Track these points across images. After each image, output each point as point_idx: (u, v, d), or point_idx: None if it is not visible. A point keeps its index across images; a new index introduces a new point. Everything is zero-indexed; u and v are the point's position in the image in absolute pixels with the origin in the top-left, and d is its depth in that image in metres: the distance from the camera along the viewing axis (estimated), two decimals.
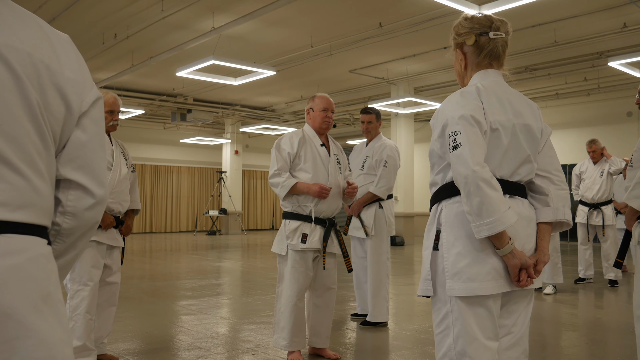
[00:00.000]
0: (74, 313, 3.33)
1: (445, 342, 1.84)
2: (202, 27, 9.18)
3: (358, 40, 9.70)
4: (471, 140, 1.77)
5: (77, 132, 1.12)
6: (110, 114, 3.50)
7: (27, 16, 1.08)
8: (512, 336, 1.91)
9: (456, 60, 2.05)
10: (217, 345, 4.16)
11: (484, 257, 1.80)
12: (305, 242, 3.59)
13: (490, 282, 1.80)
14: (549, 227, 1.94)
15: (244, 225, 20.79)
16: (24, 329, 0.95)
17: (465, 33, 1.97)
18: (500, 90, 1.94)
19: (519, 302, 1.93)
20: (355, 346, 4.27)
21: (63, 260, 1.18)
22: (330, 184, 3.66)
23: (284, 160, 3.65)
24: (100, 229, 3.44)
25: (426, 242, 1.94)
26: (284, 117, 17.61)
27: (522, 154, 1.90)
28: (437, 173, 1.94)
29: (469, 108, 1.82)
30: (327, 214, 3.68)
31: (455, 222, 1.85)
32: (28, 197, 1.01)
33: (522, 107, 1.94)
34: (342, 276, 8.04)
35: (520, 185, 1.93)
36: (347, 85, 13.78)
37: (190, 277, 7.99)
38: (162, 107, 16.07)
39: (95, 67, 12.00)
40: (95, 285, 3.41)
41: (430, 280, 1.89)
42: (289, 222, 3.66)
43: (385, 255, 4.81)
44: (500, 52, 1.97)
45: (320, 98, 3.79)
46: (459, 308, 1.81)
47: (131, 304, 5.82)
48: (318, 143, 3.72)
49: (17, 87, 1.00)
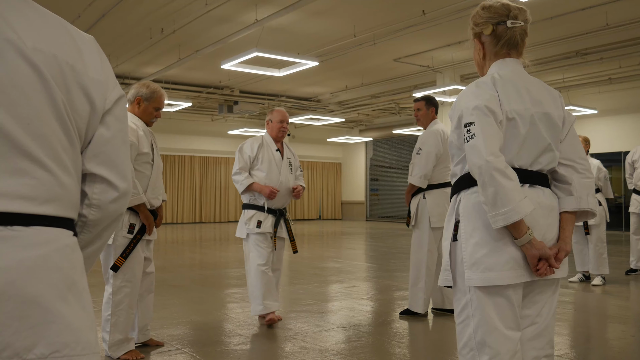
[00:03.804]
0: (117, 308, 3.46)
1: (465, 332, 1.85)
2: (245, 20, 9.29)
3: (401, 28, 9.60)
4: (485, 131, 1.76)
5: (101, 129, 1.19)
6: (156, 110, 3.62)
7: (53, 19, 1.14)
8: (537, 326, 1.90)
9: (475, 50, 2.04)
10: (257, 333, 4.25)
11: (502, 247, 1.80)
12: (260, 227, 4.40)
13: (509, 272, 1.79)
14: (572, 217, 1.91)
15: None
16: (50, 315, 1.02)
17: (482, 23, 1.96)
18: (518, 78, 1.92)
19: (542, 292, 1.91)
20: (387, 337, 4.29)
21: (90, 249, 1.25)
22: (281, 182, 4.50)
23: (244, 162, 4.50)
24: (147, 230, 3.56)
25: (446, 233, 1.95)
26: (329, 107, 17.63)
27: (542, 142, 1.88)
28: (456, 164, 1.95)
29: (483, 98, 1.81)
30: (278, 206, 4.52)
31: (473, 213, 1.85)
32: (54, 191, 1.08)
33: (541, 96, 1.92)
34: (387, 267, 8.07)
35: (541, 175, 1.90)
36: (391, 74, 13.68)
37: (237, 266, 8.15)
38: (210, 100, 16.35)
39: (144, 62, 12.31)
40: (138, 280, 3.55)
41: (450, 270, 1.89)
42: (247, 211, 4.49)
43: (425, 247, 4.68)
44: (519, 41, 1.95)
45: (278, 112, 4.63)
46: (478, 298, 1.81)
47: (179, 292, 6.00)
48: (274, 148, 4.58)
49: (44, 88, 1.06)
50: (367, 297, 5.83)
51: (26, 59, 1.04)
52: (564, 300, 5.57)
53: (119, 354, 3.48)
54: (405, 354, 3.85)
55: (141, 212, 3.50)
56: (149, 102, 3.58)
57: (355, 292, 6.04)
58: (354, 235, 14.61)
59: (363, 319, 4.75)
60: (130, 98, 3.57)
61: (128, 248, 3.47)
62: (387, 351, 3.82)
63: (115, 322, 3.45)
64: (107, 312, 3.47)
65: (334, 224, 20.14)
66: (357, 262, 9.09)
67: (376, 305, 5.42)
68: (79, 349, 1.05)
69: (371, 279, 7.16)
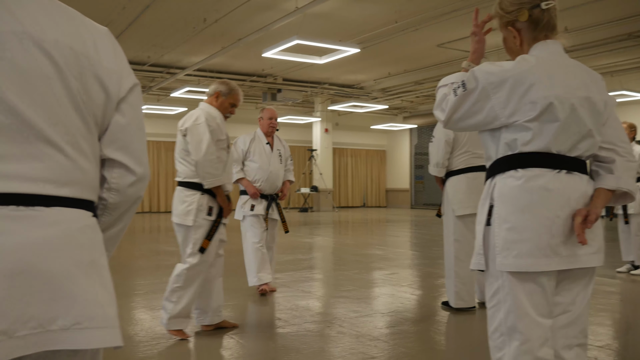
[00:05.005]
0: (188, 283, 3.64)
1: (496, 317, 1.83)
2: (286, 7, 9.31)
3: (444, 13, 9.44)
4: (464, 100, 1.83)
5: (117, 116, 1.24)
6: (232, 106, 3.92)
7: (69, 12, 1.20)
8: (570, 314, 1.86)
9: (508, 38, 1.96)
10: (295, 317, 4.31)
11: (536, 233, 1.76)
12: (253, 210, 5.08)
13: (543, 259, 1.76)
14: (607, 194, 1.85)
15: (335, 202, 21.03)
16: (72, 289, 1.08)
17: (515, 10, 1.88)
18: (560, 61, 1.86)
19: (577, 281, 1.87)
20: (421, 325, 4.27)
21: (111, 232, 1.32)
22: (271, 171, 5.17)
23: (238, 154, 5.18)
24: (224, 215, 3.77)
25: (479, 217, 1.92)
26: (372, 94, 17.53)
27: (583, 128, 1.82)
28: (489, 147, 1.91)
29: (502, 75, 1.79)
30: (269, 192, 5.18)
31: (509, 197, 1.81)
32: (73, 174, 1.14)
33: (582, 79, 1.85)
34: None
35: (579, 161, 1.85)
36: (435, 60, 13.47)
37: (280, 252, 8.22)
38: (253, 88, 16.49)
39: (188, 52, 12.50)
40: (210, 261, 3.75)
41: (483, 254, 1.87)
42: (243, 197, 5.18)
43: (452, 237, 4.51)
44: (555, 22, 1.88)
45: (268, 110, 5.33)
46: (510, 283, 1.79)
47: (224, 278, 6.10)
48: (264, 142, 5.27)
49: (61, 78, 1.12)
50: (408, 284, 5.81)
51: (43, 51, 1.10)
52: (610, 290, 5.42)
53: (173, 327, 3.64)
54: (442, 341, 3.84)
55: (219, 195, 3.70)
56: (226, 98, 3.88)
57: (396, 279, 6.04)
58: (397, 223, 14.56)
59: (401, 306, 4.75)
60: (210, 92, 3.89)
61: (212, 230, 3.66)
62: (424, 338, 3.81)
63: (181, 295, 3.63)
64: (176, 283, 3.63)
65: (378, 211, 20.10)
66: (400, 249, 9.06)
67: (416, 292, 5.40)
68: (99, 322, 1.10)
69: (413, 266, 7.14)
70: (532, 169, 1.80)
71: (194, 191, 3.68)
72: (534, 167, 1.80)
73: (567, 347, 1.86)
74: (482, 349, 3.63)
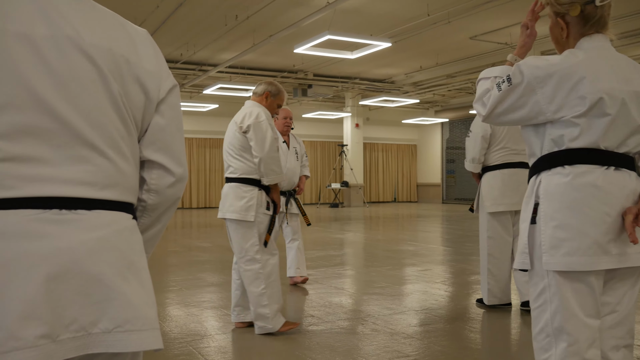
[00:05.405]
0: (269, 280, 3.70)
1: (542, 318, 1.78)
2: (317, 3, 9.28)
3: (477, 5, 9.29)
4: (508, 95, 1.79)
5: (157, 117, 1.24)
6: (278, 107, 4.06)
7: (108, 15, 1.20)
8: (617, 315, 1.81)
9: (555, 27, 1.90)
10: (328, 314, 4.30)
11: (585, 231, 1.71)
12: None
13: (591, 258, 1.70)
14: None
15: (366, 197, 20.97)
16: (111, 292, 1.08)
17: (568, 3, 1.82)
18: (608, 55, 1.80)
19: (624, 280, 1.81)
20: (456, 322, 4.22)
21: (150, 233, 1.32)
22: (288, 168, 5.31)
23: None
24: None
25: (524, 215, 1.86)
26: (403, 88, 17.40)
27: (632, 123, 1.76)
28: (533, 143, 1.86)
29: (548, 70, 1.74)
30: (287, 188, 5.32)
31: (555, 194, 1.76)
32: (113, 177, 1.14)
33: (630, 73, 1.79)
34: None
35: (627, 157, 1.79)
36: (467, 53, 13.29)
37: (310, 248, 8.25)
38: (284, 83, 16.51)
39: (220, 48, 12.59)
40: (277, 252, 3.86)
41: (528, 253, 1.82)
42: None
43: (485, 234, 4.43)
44: (607, 20, 1.81)
45: (283, 110, 5.32)
46: (557, 283, 1.74)
47: None
48: (281, 140, 5.30)
49: (101, 81, 1.12)
50: (441, 280, 5.75)
51: (84, 54, 1.10)
52: None
53: (278, 326, 3.71)
54: (477, 339, 3.78)
55: (275, 191, 3.80)
56: (275, 99, 3.97)
57: (429, 276, 5.98)
58: (429, 218, 14.44)
59: (435, 303, 4.70)
60: (259, 92, 3.97)
61: (271, 225, 3.78)
62: (459, 336, 3.77)
63: (270, 294, 3.69)
64: (259, 287, 3.67)
65: (409, 206, 19.97)
66: (432, 245, 8.98)
67: (450, 289, 5.34)
68: (140, 324, 1.10)
69: (446, 262, 7.06)
70: (579, 165, 1.75)
71: (252, 187, 3.72)
72: (581, 164, 1.75)
73: (614, 348, 1.81)
74: (518, 348, 3.59)
